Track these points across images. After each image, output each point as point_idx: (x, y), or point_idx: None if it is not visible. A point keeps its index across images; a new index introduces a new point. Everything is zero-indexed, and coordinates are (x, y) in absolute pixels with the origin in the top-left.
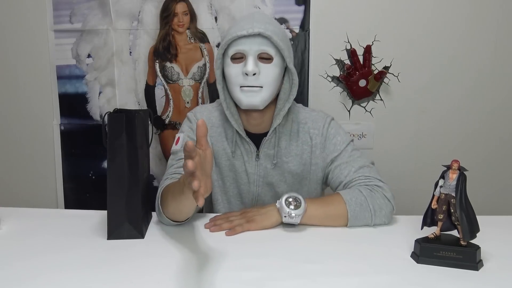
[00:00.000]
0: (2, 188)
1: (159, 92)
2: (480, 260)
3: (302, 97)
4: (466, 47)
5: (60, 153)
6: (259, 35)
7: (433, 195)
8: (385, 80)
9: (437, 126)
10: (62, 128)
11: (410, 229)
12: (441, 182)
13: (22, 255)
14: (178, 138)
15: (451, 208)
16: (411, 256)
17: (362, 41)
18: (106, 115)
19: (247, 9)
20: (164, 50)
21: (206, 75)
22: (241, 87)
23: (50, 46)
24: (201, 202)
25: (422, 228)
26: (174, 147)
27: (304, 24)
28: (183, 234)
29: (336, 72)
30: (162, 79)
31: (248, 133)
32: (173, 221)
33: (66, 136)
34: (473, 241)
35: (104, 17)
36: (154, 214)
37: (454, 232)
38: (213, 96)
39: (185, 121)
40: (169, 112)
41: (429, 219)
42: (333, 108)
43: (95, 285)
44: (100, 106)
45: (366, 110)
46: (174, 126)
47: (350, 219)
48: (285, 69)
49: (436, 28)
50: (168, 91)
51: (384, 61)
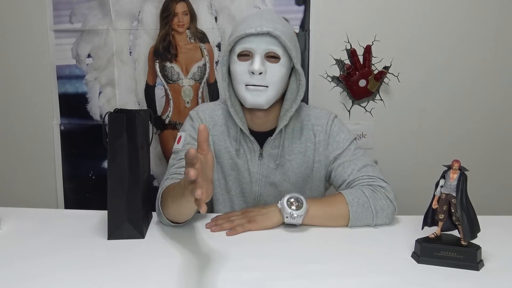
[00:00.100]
0: (2, 188)
1: (159, 92)
2: (481, 260)
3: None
4: (466, 47)
5: (60, 153)
6: (268, 34)
7: (434, 195)
8: (385, 80)
9: (437, 126)
10: (62, 128)
11: (411, 229)
12: (441, 182)
13: (22, 255)
14: (180, 137)
15: (451, 208)
16: (412, 256)
17: (362, 41)
18: (107, 115)
19: (247, 9)
20: (164, 50)
21: (206, 75)
22: (246, 85)
23: (50, 46)
24: (203, 209)
25: (422, 228)
26: (176, 146)
27: (304, 24)
28: (184, 234)
29: (336, 72)
30: (162, 79)
31: (252, 132)
32: (172, 222)
33: (66, 136)
34: (473, 241)
35: (104, 17)
36: (154, 214)
37: (455, 232)
38: (213, 96)
39: (187, 120)
40: (169, 112)
41: (429, 219)
42: (333, 108)
43: (95, 285)
44: (100, 106)
45: (366, 110)
46: (174, 126)
47: (351, 219)
48: (292, 69)
49: (436, 28)
50: (168, 91)
51: (384, 61)
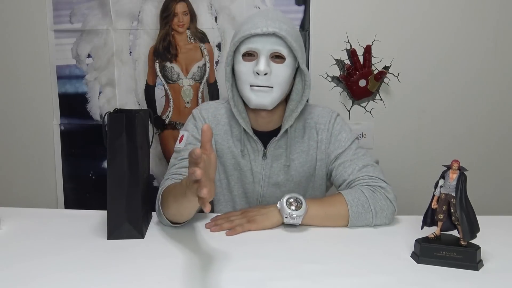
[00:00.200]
0: (2, 188)
1: (159, 92)
2: (480, 260)
3: None
4: (466, 46)
5: (60, 153)
6: (273, 34)
7: (433, 195)
8: (385, 80)
9: (437, 126)
10: (62, 128)
11: (410, 229)
12: (441, 182)
13: (22, 255)
14: (182, 136)
15: (451, 208)
16: (411, 256)
17: (362, 41)
18: (106, 115)
19: (247, 9)
20: (164, 50)
21: (206, 75)
22: (251, 86)
23: (50, 46)
24: (208, 208)
25: (422, 228)
26: (178, 145)
27: (304, 24)
28: (184, 234)
29: (336, 72)
30: (162, 79)
31: (255, 131)
32: (172, 222)
33: (66, 136)
34: (473, 241)
35: (104, 17)
36: (154, 214)
37: (454, 232)
38: (213, 96)
39: (190, 119)
40: (169, 112)
41: (429, 219)
42: (333, 108)
43: (95, 285)
44: (100, 106)
45: (366, 110)
46: (174, 126)
47: (351, 219)
48: (297, 70)
49: (436, 28)
50: (168, 91)
51: (384, 61)
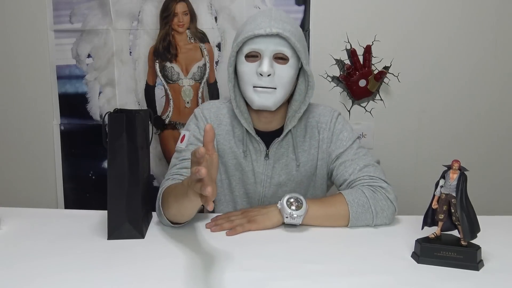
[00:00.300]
0: (2, 188)
1: (159, 92)
2: (481, 260)
3: None
4: (466, 46)
5: (60, 153)
6: (277, 35)
7: (434, 195)
8: (385, 80)
9: (437, 126)
10: (62, 128)
11: (411, 229)
12: (441, 182)
13: (22, 255)
14: (184, 136)
15: (451, 208)
16: (412, 256)
17: (362, 41)
18: (106, 115)
19: (247, 9)
20: (164, 50)
21: (206, 75)
22: (254, 87)
23: (50, 46)
24: (211, 206)
25: (422, 228)
26: (179, 145)
27: (304, 24)
28: (184, 234)
29: (336, 72)
30: (162, 79)
31: (257, 131)
32: (172, 223)
33: (66, 136)
34: (473, 241)
35: (104, 17)
36: (154, 214)
37: (455, 232)
38: (213, 96)
39: (192, 118)
40: (169, 112)
41: (429, 219)
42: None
43: (95, 285)
44: (100, 106)
45: (366, 110)
46: (174, 126)
47: (351, 220)
48: (300, 70)
49: (436, 28)
50: (168, 91)
51: (384, 61)
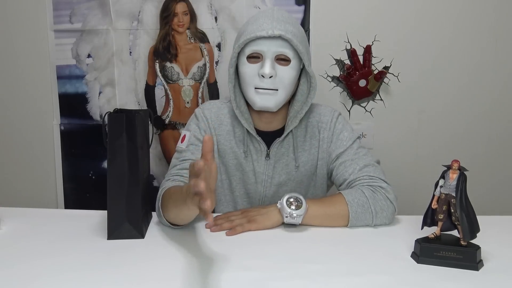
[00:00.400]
0: (2, 188)
1: (159, 92)
2: (481, 260)
3: None
4: (466, 46)
5: (60, 153)
6: (279, 37)
7: (433, 195)
8: (385, 80)
9: (437, 126)
10: (62, 128)
11: (410, 229)
12: (441, 182)
13: (22, 255)
14: (184, 136)
15: (451, 208)
16: (411, 256)
17: (362, 41)
18: (106, 115)
19: (247, 9)
20: (164, 50)
21: (206, 75)
22: (256, 88)
23: (50, 46)
24: (211, 219)
25: (422, 228)
26: (180, 145)
27: (304, 24)
28: (184, 234)
29: (336, 72)
30: (162, 79)
31: (258, 131)
32: (172, 224)
33: (66, 136)
34: (473, 241)
35: (104, 17)
36: (154, 214)
37: (454, 232)
38: (213, 96)
39: (192, 118)
40: (169, 112)
41: (429, 219)
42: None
43: (94, 285)
44: (100, 106)
45: (366, 110)
46: (174, 126)
47: (351, 219)
48: (301, 70)
49: (436, 28)
50: (168, 91)
51: (384, 61)
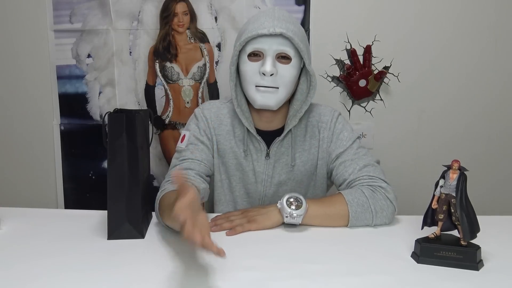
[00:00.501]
0: (2, 188)
1: (159, 92)
2: (481, 260)
3: None
4: (466, 46)
5: (60, 153)
6: (280, 35)
7: (434, 195)
8: (385, 80)
9: (437, 126)
10: (62, 128)
11: (411, 229)
12: (441, 182)
13: (22, 255)
14: (184, 135)
15: (451, 208)
16: (412, 256)
17: (362, 41)
18: (106, 115)
19: (247, 9)
20: (164, 50)
21: (206, 75)
22: (256, 86)
23: (50, 46)
24: (214, 249)
25: (422, 228)
26: (179, 145)
27: (304, 24)
28: None
29: (336, 72)
30: (162, 79)
31: (258, 131)
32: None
33: (66, 136)
34: (473, 241)
35: (104, 17)
36: (154, 214)
37: (455, 232)
38: (213, 96)
39: (192, 118)
40: (169, 112)
41: (429, 219)
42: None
43: (95, 285)
44: (100, 106)
45: (366, 110)
46: (174, 126)
47: (351, 219)
48: (302, 69)
49: (436, 28)
50: (168, 91)
51: (384, 61)
